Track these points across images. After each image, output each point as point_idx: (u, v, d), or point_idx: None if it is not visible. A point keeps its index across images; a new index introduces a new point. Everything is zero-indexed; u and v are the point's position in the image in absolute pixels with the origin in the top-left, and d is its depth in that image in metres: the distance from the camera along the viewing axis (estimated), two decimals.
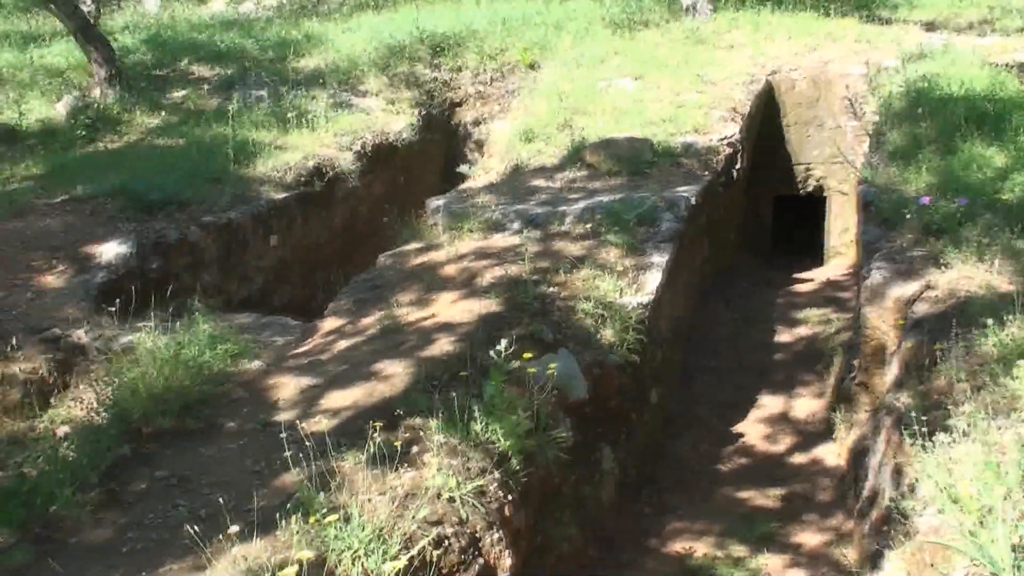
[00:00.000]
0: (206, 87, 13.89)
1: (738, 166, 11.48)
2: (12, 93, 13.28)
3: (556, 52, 14.45)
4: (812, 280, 12.22)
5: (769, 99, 13.17)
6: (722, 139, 11.20)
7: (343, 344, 6.93)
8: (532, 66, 14.40)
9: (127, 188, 9.56)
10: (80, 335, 7.67)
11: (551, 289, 7.40)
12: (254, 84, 13.80)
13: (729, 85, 12.73)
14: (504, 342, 5.58)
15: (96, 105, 12.55)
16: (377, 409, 5.69)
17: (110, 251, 8.83)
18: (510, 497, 5.27)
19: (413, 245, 8.83)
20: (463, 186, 10.63)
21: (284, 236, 10.86)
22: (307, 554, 3.96)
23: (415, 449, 5.21)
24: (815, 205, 13.61)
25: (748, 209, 13.28)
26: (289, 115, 12.28)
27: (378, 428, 5.15)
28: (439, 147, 14.41)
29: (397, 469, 5.01)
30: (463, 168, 11.44)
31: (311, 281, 11.52)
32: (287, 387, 6.14)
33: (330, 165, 11.60)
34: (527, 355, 5.86)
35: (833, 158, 12.88)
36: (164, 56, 15.00)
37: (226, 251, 9.96)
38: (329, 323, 7.55)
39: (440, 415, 5.34)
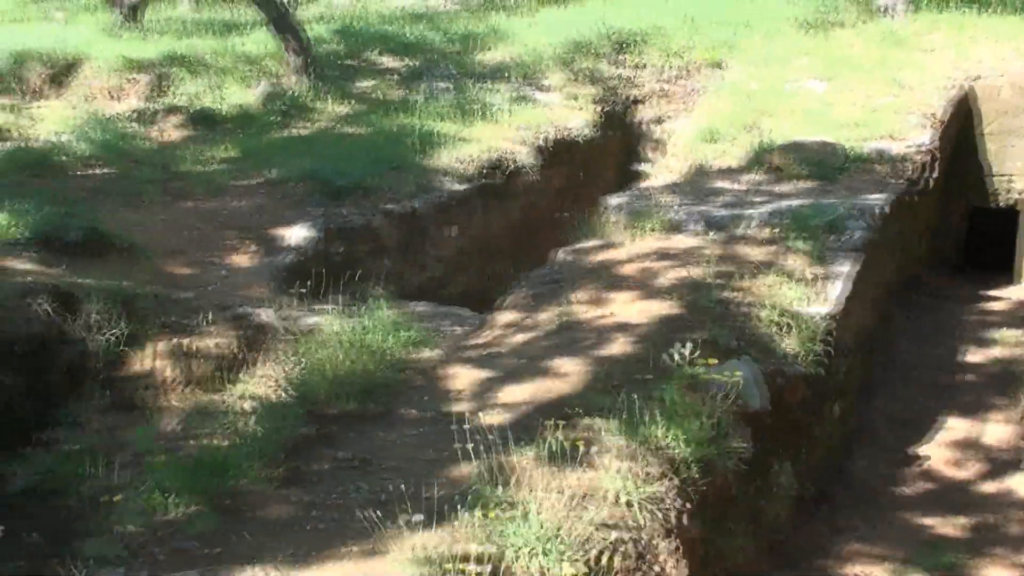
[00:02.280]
0: (394, 77, 14.17)
1: (932, 175, 10.93)
2: (213, 79, 13.87)
3: (743, 51, 14.13)
4: (1006, 299, 11.54)
5: (968, 106, 12.51)
6: (917, 146, 10.70)
7: (519, 338, 6.94)
8: (717, 65, 14.12)
9: (316, 173, 9.85)
10: (267, 314, 7.92)
11: (733, 294, 7.22)
12: (439, 76, 14.02)
13: (926, 90, 12.15)
14: (688, 346, 5.45)
15: (289, 92, 12.98)
16: (553, 406, 5.65)
17: (298, 234, 9.12)
18: (687, 505, 5.14)
19: (591, 242, 8.77)
20: (642, 184, 10.53)
21: (463, 227, 10.98)
22: (490, 549, 3.95)
23: (592, 449, 5.14)
24: (1010, 220, 12.87)
25: (937, 220, 12.65)
26: (473, 107, 12.42)
27: (554, 426, 5.12)
28: (618, 144, 14.29)
29: (573, 468, 4.95)
30: (642, 167, 11.30)
31: (486, 272, 11.63)
32: (464, 378, 6.18)
33: (511, 158, 11.66)
34: (711, 360, 5.70)
35: None
36: (354, 46, 15.37)
37: (407, 239, 10.14)
38: (506, 316, 7.57)
39: (620, 417, 5.25)
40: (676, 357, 5.50)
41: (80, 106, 14.14)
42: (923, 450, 8.27)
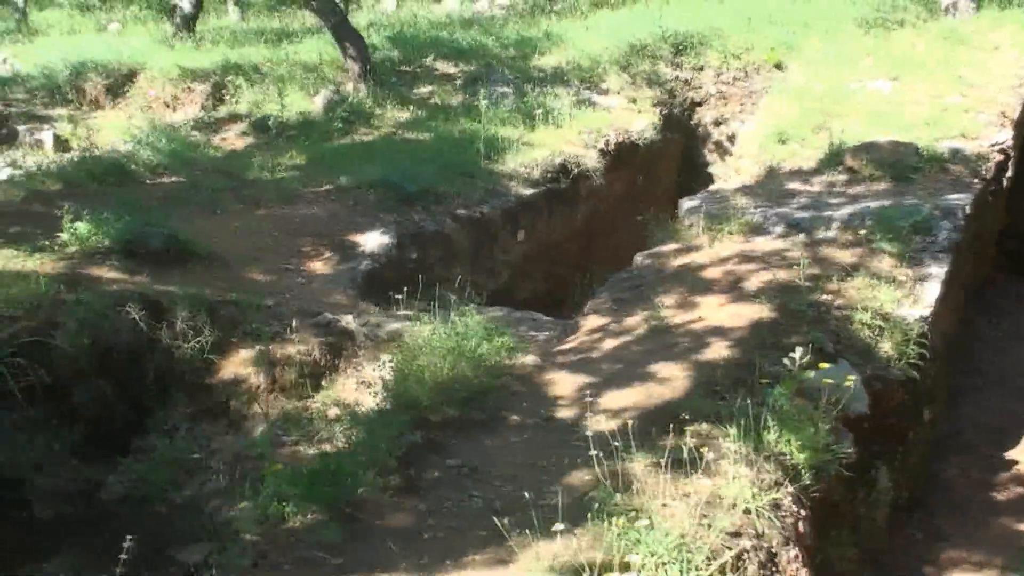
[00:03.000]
0: (456, 83, 14.14)
1: (1007, 174, 10.76)
2: (271, 87, 13.92)
3: (803, 52, 13.98)
4: None
5: None
6: (992, 145, 10.52)
7: (611, 343, 6.87)
8: (778, 66, 13.99)
9: (387, 180, 9.83)
10: (348, 321, 7.90)
11: (824, 297, 7.10)
12: (498, 81, 13.97)
13: (995, 88, 11.95)
14: (799, 351, 5.34)
15: (350, 99, 12.99)
16: (659, 412, 5.57)
17: (373, 241, 9.09)
18: (803, 512, 5.05)
19: (670, 245, 8.67)
20: (714, 187, 10.42)
21: (529, 232, 10.94)
22: (635, 559, 3.88)
23: (708, 456, 5.05)
24: None
25: (1008, 220, 12.44)
26: (536, 112, 12.38)
27: (666, 431, 5.04)
28: (678, 146, 14.20)
29: (691, 475, 4.87)
30: (709, 169, 11.20)
31: (551, 277, 11.58)
32: (563, 383, 6.12)
33: (575, 162, 11.61)
34: (823, 365, 5.59)
35: None
36: (408, 53, 15.37)
37: (476, 245, 10.11)
38: (591, 321, 7.50)
39: (733, 423, 5.16)
40: (787, 363, 5.38)
41: (137, 116, 14.26)
42: (1013, 455, 8.13)
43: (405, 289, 8.06)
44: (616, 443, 5.04)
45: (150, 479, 6.79)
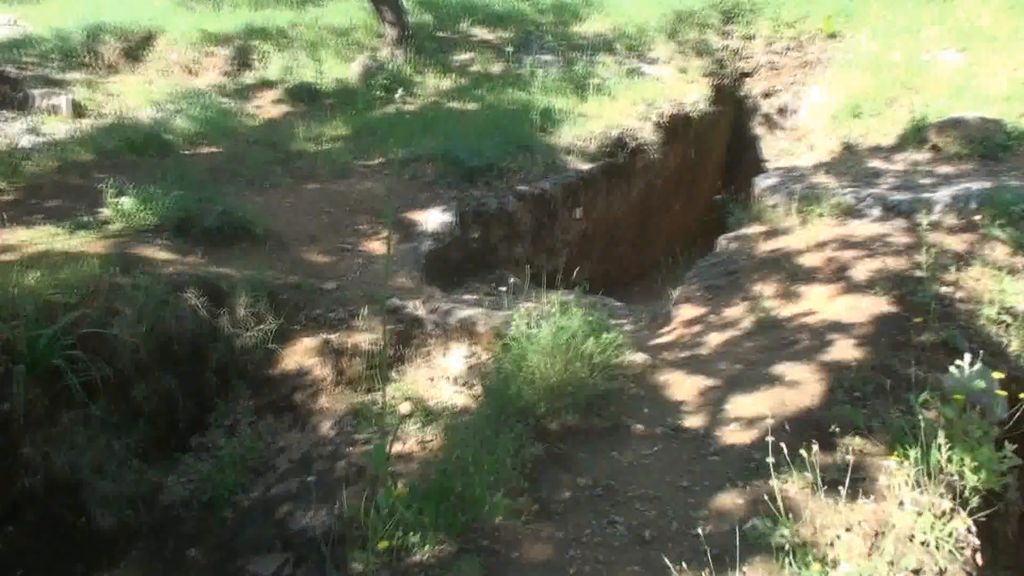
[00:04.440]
0: (492, 50, 13.48)
1: None
2: (301, 53, 13.25)
3: (861, 20, 13.35)
4: None
5: None
6: None
7: (716, 338, 6.31)
8: (833, 35, 13.35)
9: (446, 154, 9.21)
10: (417, 306, 7.33)
11: (945, 289, 6.54)
12: (541, 49, 13.33)
13: None
14: (967, 357, 4.79)
15: (388, 66, 12.33)
16: (799, 421, 5.01)
17: (434, 219, 8.50)
18: (977, 542, 4.51)
19: (755, 228, 8.11)
20: (787, 163, 9.81)
21: (587, 209, 10.35)
22: None
23: (866, 476, 4.52)
24: None
25: None
26: (587, 81, 11.75)
27: (811, 445, 4.50)
28: (728, 119, 13.61)
29: (852, 499, 4.34)
30: (780, 145, 10.61)
31: (609, 256, 11.01)
32: (682, 386, 5.55)
33: (632, 136, 11.00)
34: (997, 375, 5.03)
35: None
36: (443, 18, 14.69)
37: (538, 223, 9.52)
38: (685, 311, 6.95)
39: (893, 438, 4.62)
40: (954, 371, 4.83)
41: (157, 81, 13.60)
42: None
43: (465, 270, 7.52)
44: (760, 458, 4.50)
45: (215, 480, 6.25)
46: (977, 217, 7.42)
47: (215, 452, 6.46)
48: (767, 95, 13.75)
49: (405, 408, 6.77)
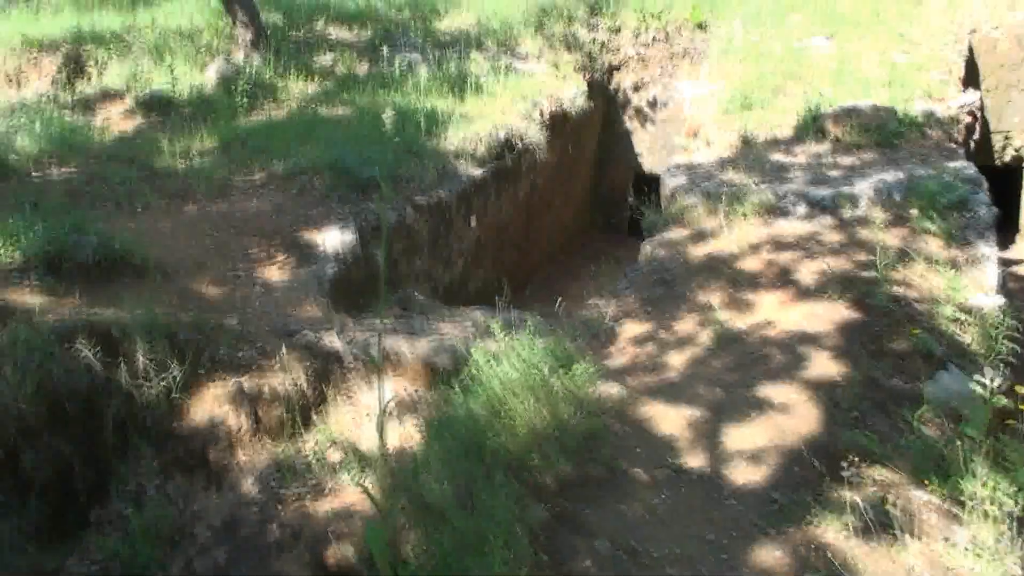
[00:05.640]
0: (353, 50, 12.70)
1: (975, 137, 10.32)
2: (144, 58, 12.16)
3: (726, 9, 13.25)
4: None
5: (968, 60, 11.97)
6: (961, 106, 10.02)
7: (678, 358, 5.86)
8: (700, 25, 13.21)
9: (335, 164, 8.45)
10: (333, 339, 6.61)
11: (898, 289, 6.30)
12: (405, 47, 12.65)
13: (934, 44, 11.53)
14: (989, 371, 4.48)
15: (247, 71, 11.41)
16: (805, 451, 4.62)
17: (333, 238, 7.75)
18: None
19: (678, 231, 7.73)
20: (684, 160, 9.46)
21: (479, 215, 9.80)
22: None
23: (900, 509, 4.15)
24: (1011, 178, 12.47)
25: None
26: (460, 80, 11.17)
27: (827, 477, 4.12)
28: (600, 114, 13.28)
29: (895, 542, 3.96)
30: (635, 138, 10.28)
31: (499, 263, 10.49)
32: (666, 418, 5.05)
33: (519, 136, 10.50)
34: (1021, 389, 4.73)
35: None
36: (295, 17, 13.80)
37: (435, 234, 8.90)
38: (629, 327, 6.48)
39: (917, 466, 4.27)
40: (976, 387, 4.50)
41: None
42: None
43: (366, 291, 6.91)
44: (779, 499, 4.08)
45: (124, 558, 5.40)
46: (911, 211, 7.26)
47: (120, 524, 5.61)
48: (637, 88, 13.51)
49: (335, 456, 6.10)
